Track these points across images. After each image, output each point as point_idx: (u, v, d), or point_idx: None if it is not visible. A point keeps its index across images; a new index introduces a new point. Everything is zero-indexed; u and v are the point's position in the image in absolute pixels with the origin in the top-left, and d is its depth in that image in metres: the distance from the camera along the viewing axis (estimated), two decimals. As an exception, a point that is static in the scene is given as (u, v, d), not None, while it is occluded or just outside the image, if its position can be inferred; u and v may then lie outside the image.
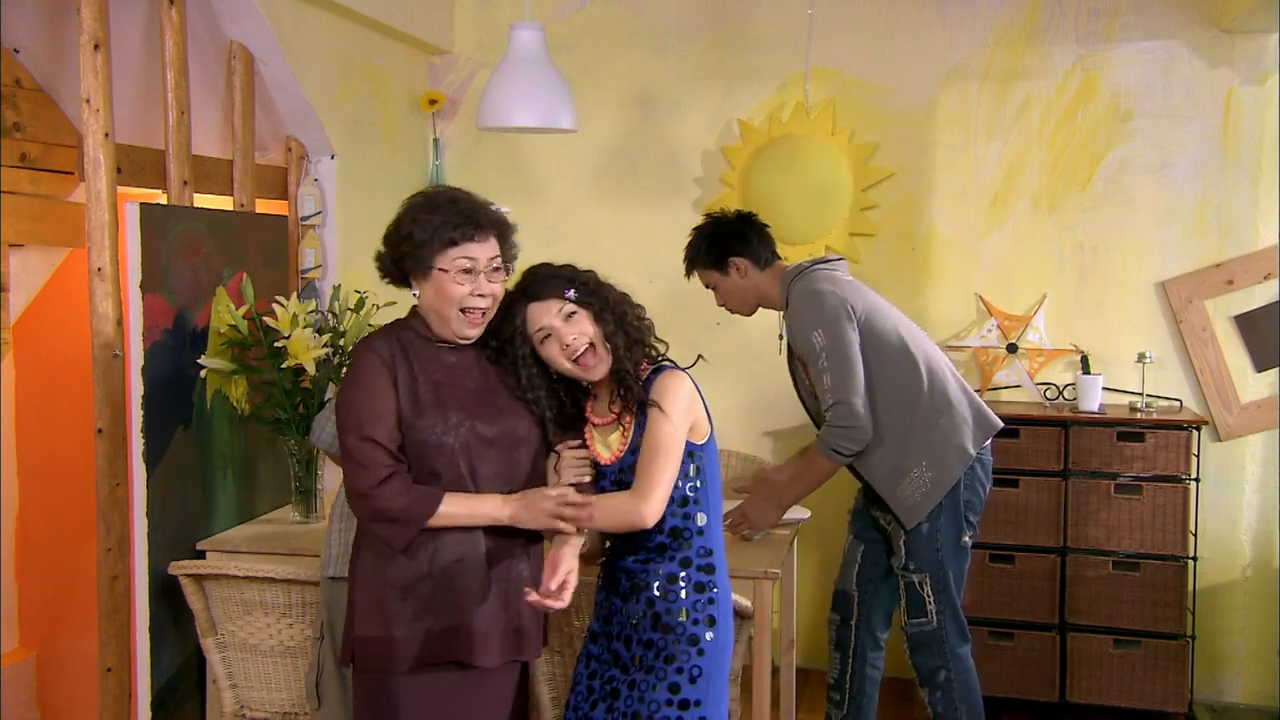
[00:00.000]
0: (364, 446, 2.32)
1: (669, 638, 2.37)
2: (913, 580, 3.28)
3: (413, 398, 2.37)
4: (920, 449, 3.21)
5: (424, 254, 2.36)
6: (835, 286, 3.23)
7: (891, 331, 3.23)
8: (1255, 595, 4.29)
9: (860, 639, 3.48)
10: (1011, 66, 4.40)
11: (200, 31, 3.59)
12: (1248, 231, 4.25)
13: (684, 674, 2.36)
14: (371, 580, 2.39)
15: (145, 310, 3.16)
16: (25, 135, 3.43)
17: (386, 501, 2.31)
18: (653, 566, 2.40)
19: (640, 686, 2.37)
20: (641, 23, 4.69)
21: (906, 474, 3.21)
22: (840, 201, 4.49)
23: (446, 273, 2.36)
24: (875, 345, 3.20)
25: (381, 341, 2.42)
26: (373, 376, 2.37)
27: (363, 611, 2.39)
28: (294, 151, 4.03)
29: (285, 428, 3.42)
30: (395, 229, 2.41)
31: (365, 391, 2.36)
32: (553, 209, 4.79)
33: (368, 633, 2.37)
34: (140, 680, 3.23)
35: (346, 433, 2.36)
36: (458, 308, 2.37)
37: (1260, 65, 4.20)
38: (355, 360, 2.43)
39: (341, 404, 2.41)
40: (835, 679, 3.53)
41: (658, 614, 2.38)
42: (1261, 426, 4.26)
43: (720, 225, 3.41)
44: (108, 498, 3.23)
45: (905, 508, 3.23)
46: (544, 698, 3.02)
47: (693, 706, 2.35)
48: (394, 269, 2.43)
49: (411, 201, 2.43)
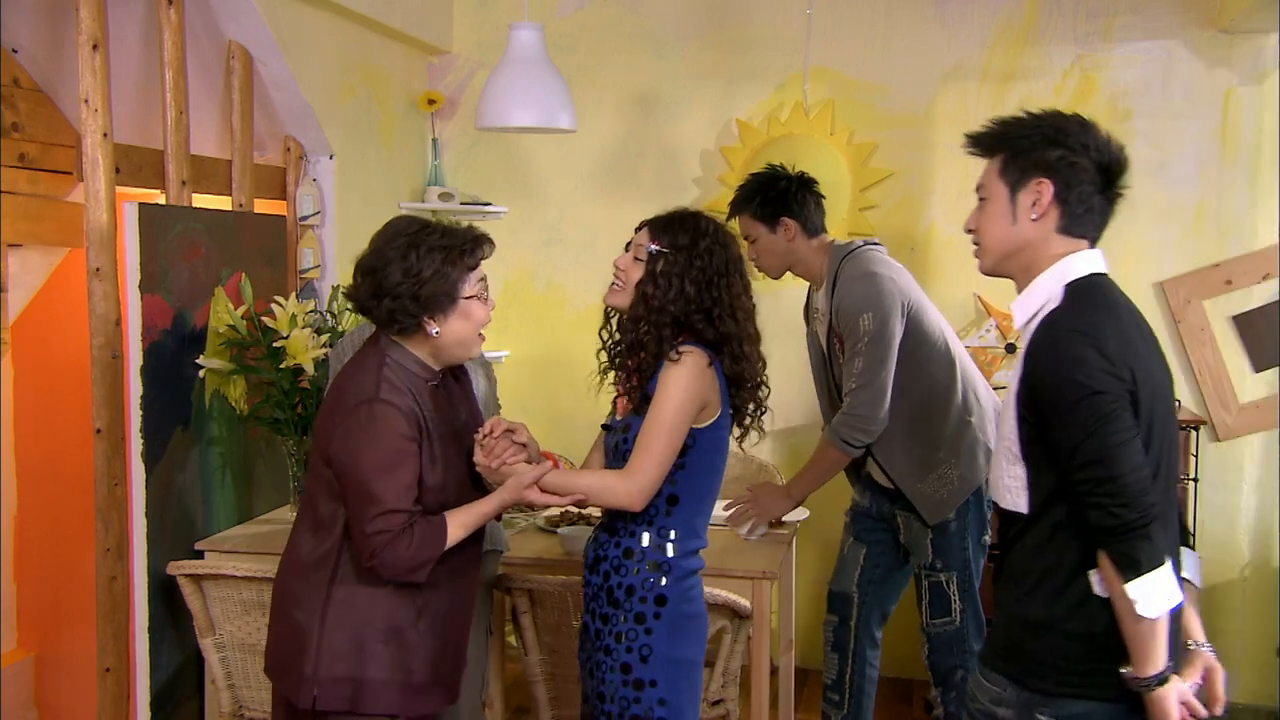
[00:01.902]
0: (383, 519, 2.20)
1: (618, 613, 2.36)
2: (940, 580, 3.25)
3: (431, 453, 2.30)
4: (950, 446, 3.18)
5: (451, 290, 2.27)
6: (892, 273, 3.17)
7: (934, 326, 3.22)
8: (1254, 595, 4.29)
9: (859, 639, 3.45)
10: (1010, 66, 4.40)
11: (199, 31, 3.59)
12: (1246, 231, 4.25)
13: (633, 653, 2.34)
14: (347, 619, 2.28)
15: (144, 310, 3.16)
16: (24, 135, 3.43)
17: (397, 559, 2.21)
18: (615, 539, 2.40)
19: (602, 667, 2.37)
20: (640, 23, 4.69)
21: (934, 469, 3.19)
22: (839, 201, 4.48)
23: (476, 298, 2.31)
24: (920, 338, 3.17)
25: (399, 395, 2.25)
26: (401, 444, 2.23)
27: (330, 650, 2.27)
28: (293, 151, 4.03)
29: (284, 428, 3.42)
30: (406, 274, 2.24)
31: (387, 456, 2.22)
32: (552, 209, 4.80)
33: (341, 673, 2.26)
34: (139, 680, 3.23)
35: (362, 499, 2.21)
36: (480, 328, 2.34)
37: (1259, 65, 4.20)
38: (372, 415, 2.23)
39: (357, 461, 2.22)
40: (833, 680, 3.51)
41: (610, 588, 2.38)
42: (1260, 426, 4.27)
43: (781, 180, 3.29)
44: (106, 498, 3.23)
45: (930, 503, 3.20)
46: (542, 698, 3.03)
47: (648, 687, 2.33)
48: (416, 313, 2.26)
49: (397, 243, 2.27)
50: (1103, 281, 2.05)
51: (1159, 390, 1.97)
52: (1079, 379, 1.87)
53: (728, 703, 2.99)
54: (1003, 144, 2.11)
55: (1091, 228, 2.09)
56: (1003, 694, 1.98)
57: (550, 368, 4.78)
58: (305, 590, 2.32)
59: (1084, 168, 2.05)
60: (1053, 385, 1.90)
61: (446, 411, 2.39)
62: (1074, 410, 1.88)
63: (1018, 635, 2.00)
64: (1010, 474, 2.02)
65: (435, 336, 2.30)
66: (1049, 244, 2.05)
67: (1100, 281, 2.05)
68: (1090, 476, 1.87)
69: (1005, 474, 2.03)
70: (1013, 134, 2.10)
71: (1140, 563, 1.85)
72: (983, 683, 2.04)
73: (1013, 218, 2.07)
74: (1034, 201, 2.05)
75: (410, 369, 2.32)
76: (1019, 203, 2.07)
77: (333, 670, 2.27)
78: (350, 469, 2.23)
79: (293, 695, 2.30)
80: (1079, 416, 1.87)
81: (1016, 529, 2.03)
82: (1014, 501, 2.01)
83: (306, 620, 2.30)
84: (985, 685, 2.03)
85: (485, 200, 4.80)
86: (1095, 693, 1.93)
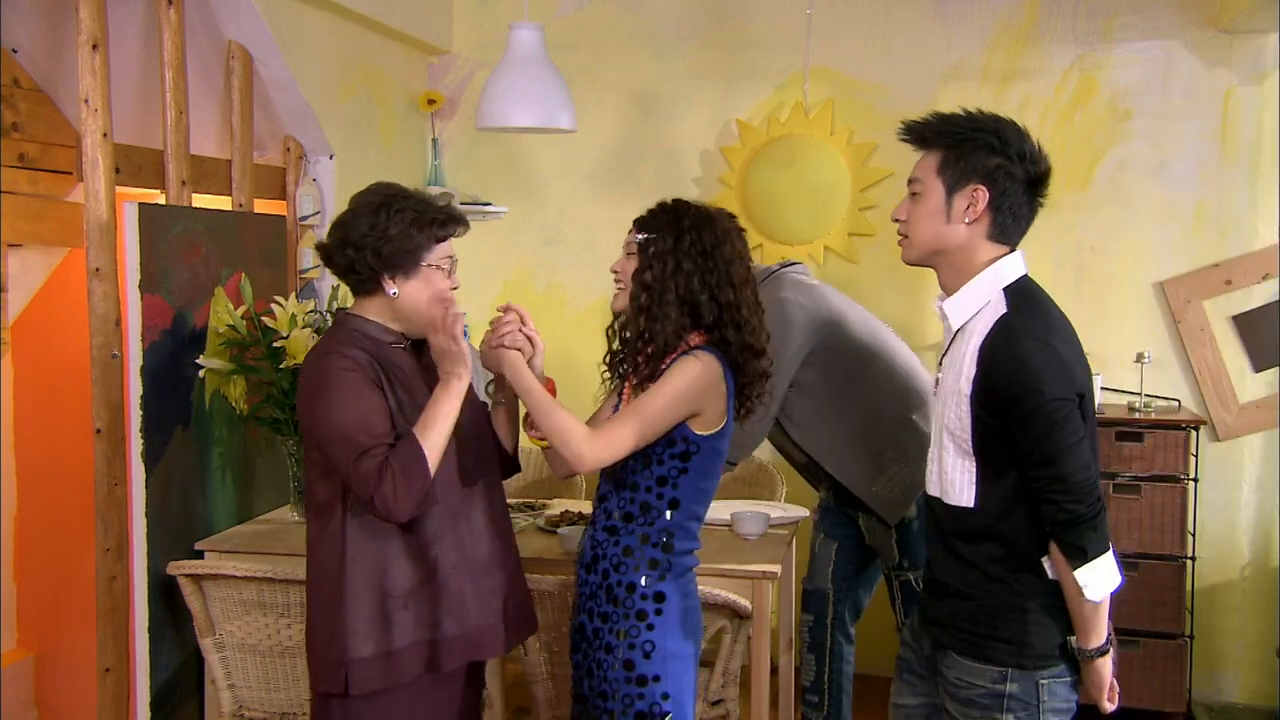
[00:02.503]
0: (367, 458, 2.20)
1: (619, 611, 2.37)
2: (909, 579, 3.28)
3: (397, 402, 2.29)
4: (895, 447, 3.18)
5: (416, 252, 2.30)
6: (801, 295, 3.15)
7: (863, 332, 3.21)
8: (1253, 595, 4.29)
9: (835, 637, 3.47)
10: (1010, 66, 4.40)
11: (199, 31, 3.59)
12: (1246, 231, 4.25)
13: (636, 649, 2.35)
14: (365, 594, 2.28)
15: (144, 310, 3.16)
16: (24, 135, 3.43)
17: (395, 491, 2.19)
18: (614, 539, 2.40)
19: (604, 665, 2.38)
20: (640, 23, 4.69)
21: (883, 471, 3.19)
22: (839, 201, 4.49)
23: (436, 269, 2.32)
24: (846, 349, 3.16)
25: (346, 347, 2.28)
26: (356, 385, 2.24)
27: (357, 630, 2.27)
28: (292, 151, 4.03)
29: (283, 427, 3.42)
30: (373, 228, 2.28)
31: (348, 397, 2.23)
32: (551, 209, 4.80)
33: (366, 652, 2.26)
34: (139, 680, 3.23)
35: (340, 445, 2.21)
36: (440, 301, 2.33)
37: (1258, 65, 4.20)
38: (321, 370, 2.26)
39: (321, 416, 2.24)
40: (812, 681, 3.51)
41: (610, 586, 2.39)
42: (1260, 426, 4.27)
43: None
44: (106, 498, 3.23)
45: (886, 504, 3.21)
46: (541, 697, 3.03)
47: (651, 682, 2.35)
48: (377, 268, 2.30)
49: (374, 201, 2.32)
50: (1035, 286, 2.19)
51: (1090, 389, 2.12)
52: (1040, 388, 2.03)
53: (728, 703, 2.99)
54: (942, 142, 2.18)
55: (1017, 235, 2.20)
56: (1003, 671, 2.13)
57: (550, 368, 4.73)
58: (322, 579, 2.33)
59: (1018, 178, 2.15)
60: (1013, 392, 2.04)
61: (421, 374, 2.37)
62: (1033, 415, 2.03)
63: (996, 620, 2.14)
64: (959, 468, 2.14)
65: (393, 298, 2.32)
66: (978, 248, 2.17)
67: (1033, 286, 2.19)
68: (1044, 474, 2.04)
69: (952, 468, 2.15)
70: (953, 133, 2.18)
71: (1087, 551, 2.05)
72: (974, 667, 2.16)
73: (946, 217, 2.17)
74: (969, 205, 2.15)
75: (368, 333, 2.34)
76: (954, 204, 2.16)
77: (363, 650, 2.26)
78: (322, 428, 2.25)
79: (325, 683, 2.30)
80: (1037, 421, 2.03)
81: (961, 520, 2.15)
82: (959, 496, 2.14)
83: (331, 603, 2.30)
84: (980, 668, 2.15)
85: (485, 200, 4.80)
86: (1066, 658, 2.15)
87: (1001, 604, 2.14)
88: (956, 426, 2.12)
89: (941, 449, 2.18)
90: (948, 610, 2.21)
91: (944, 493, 2.18)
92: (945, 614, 2.22)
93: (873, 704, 4.21)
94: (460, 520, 2.38)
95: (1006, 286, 2.14)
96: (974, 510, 2.14)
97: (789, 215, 4.48)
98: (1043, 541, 2.10)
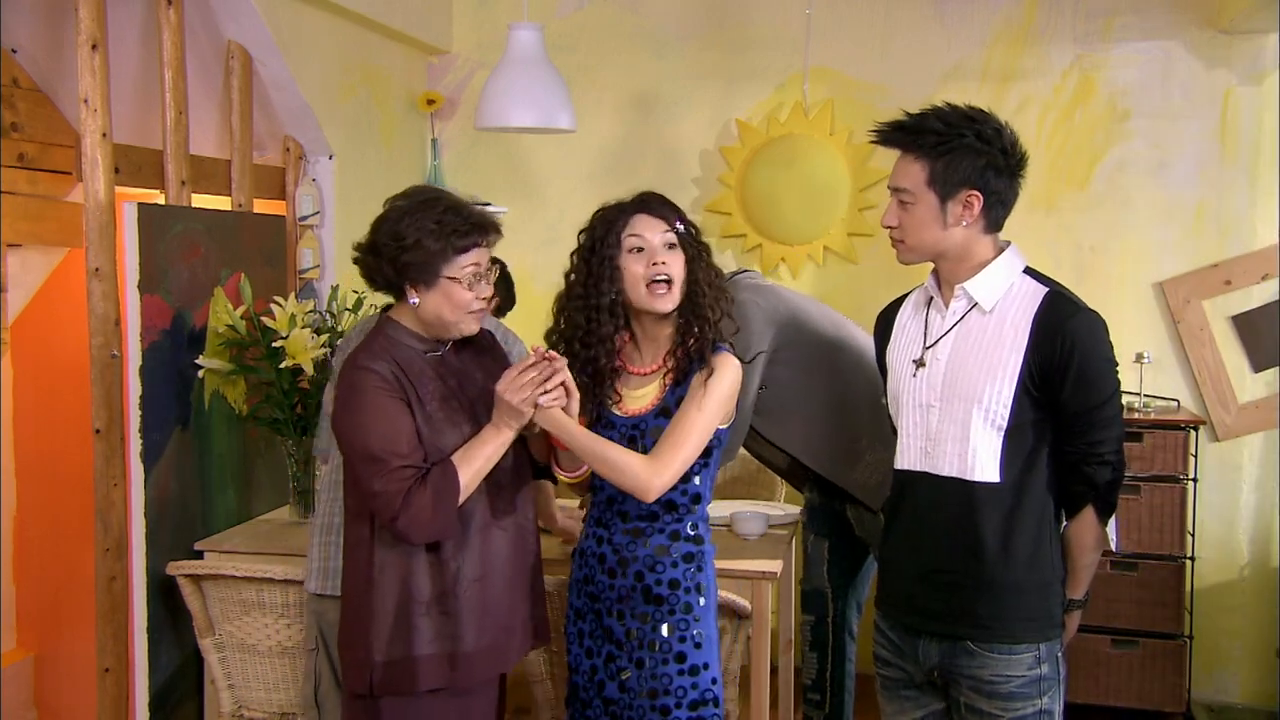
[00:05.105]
0: (389, 477, 2.20)
1: (662, 609, 2.39)
2: None
3: (425, 415, 2.28)
4: (871, 432, 3.13)
5: (434, 263, 2.26)
6: (757, 296, 3.14)
7: (824, 326, 3.20)
8: (1253, 595, 4.29)
9: (837, 635, 3.47)
10: (1009, 66, 4.40)
11: (198, 31, 3.59)
12: (1245, 231, 4.25)
13: (687, 642, 2.39)
14: (391, 598, 2.28)
15: (143, 310, 3.16)
16: (23, 135, 3.43)
17: (420, 514, 2.20)
18: (641, 539, 2.41)
19: (650, 663, 2.39)
20: (640, 23, 4.69)
21: (860, 458, 3.18)
22: (838, 201, 4.49)
23: (457, 281, 2.28)
24: (808, 344, 3.16)
25: (377, 360, 2.28)
26: (383, 401, 2.24)
27: (382, 633, 2.28)
28: (292, 152, 4.03)
29: (283, 428, 3.42)
30: (393, 237, 2.26)
31: (375, 416, 2.23)
32: (551, 209, 4.79)
33: (389, 655, 2.27)
34: (138, 681, 3.23)
35: (365, 463, 2.22)
36: (466, 312, 2.32)
37: (1258, 65, 4.20)
38: (352, 384, 2.27)
39: (349, 430, 2.26)
40: (814, 679, 3.51)
41: (648, 586, 2.40)
42: (1259, 426, 4.27)
43: None
44: (105, 498, 3.23)
45: (869, 490, 3.19)
46: (541, 698, 3.03)
47: (703, 670, 2.40)
48: (395, 277, 2.30)
49: (402, 206, 2.30)
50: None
51: None
52: (1109, 355, 2.18)
53: (728, 703, 2.99)
54: (925, 152, 2.24)
55: (1005, 217, 2.30)
56: (1037, 653, 2.20)
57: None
58: (355, 581, 2.35)
59: (1003, 170, 2.23)
60: (1082, 359, 2.14)
61: (455, 379, 2.36)
62: (1101, 380, 2.17)
63: (1020, 599, 2.19)
64: (987, 444, 2.18)
65: (415, 306, 2.31)
66: (978, 242, 2.26)
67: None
68: (1105, 437, 2.18)
69: (980, 444, 2.18)
70: (936, 142, 2.23)
71: (1114, 505, 2.25)
72: (1007, 658, 2.18)
73: (943, 224, 2.25)
74: (964, 209, 2.22)
75: (402, 340, 2.33)
76: (949, 211, 2.24)
77: (387, 653, 2.28)
78: (347, 438, 2.28)
79: (353, 682, 2.32)
80: (1105, 386, 2.18)
81: (980, 498, 2.18)
82: (984, 472, 2.18)
83: (359, 606, 2.32)
84: (1015, 657, 2.19)
85: (485, 200, 4.79)
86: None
87: (1024, 580, 2.19)
88: (993, 402, 2.16)
89: (964, 427, 2.19)
90: (960, 602, 2.21)
91: (965, 470, 2.19)
92: (957, 607, 2.21)
93: (873, 703, 4.20)
94: (489, 532, 2.37)
95: (1025, 269, 2.27)
96: (998, 485, 2.18)
97: (788, 215, 4.48)
98: (1055, 509, 2.22)
